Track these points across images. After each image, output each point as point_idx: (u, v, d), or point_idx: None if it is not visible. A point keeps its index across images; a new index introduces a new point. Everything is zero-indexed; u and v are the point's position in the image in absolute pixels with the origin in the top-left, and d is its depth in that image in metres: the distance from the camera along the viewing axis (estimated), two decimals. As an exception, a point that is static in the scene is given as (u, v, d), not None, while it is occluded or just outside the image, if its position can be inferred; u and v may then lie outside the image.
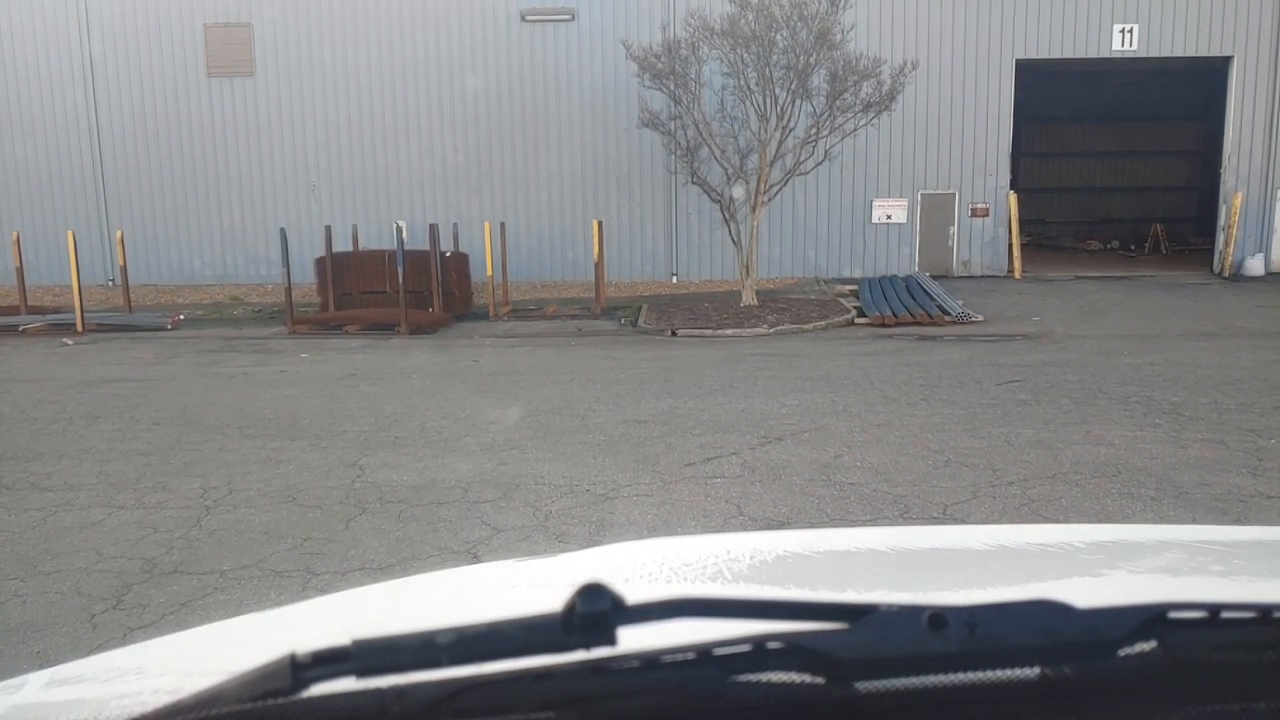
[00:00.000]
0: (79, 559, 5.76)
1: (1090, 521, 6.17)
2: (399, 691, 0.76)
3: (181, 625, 4.31)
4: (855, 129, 17.66)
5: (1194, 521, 6.12)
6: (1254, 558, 1.38)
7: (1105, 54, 21.29)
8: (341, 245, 18.91)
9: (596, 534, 6.08)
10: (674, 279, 21.96)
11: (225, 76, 21.93)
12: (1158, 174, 31.78)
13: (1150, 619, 0.80)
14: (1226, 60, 21.31)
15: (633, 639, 0.76)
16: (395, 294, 16.26)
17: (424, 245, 17.67)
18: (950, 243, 21.92)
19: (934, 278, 20.32)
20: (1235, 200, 21.25)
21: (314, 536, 6.10)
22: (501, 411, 9.68)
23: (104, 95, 22.06)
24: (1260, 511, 6.32)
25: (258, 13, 21.64)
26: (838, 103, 17.16)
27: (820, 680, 0.78)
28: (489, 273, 17.87)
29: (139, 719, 0.80)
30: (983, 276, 21.65)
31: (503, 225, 19.51)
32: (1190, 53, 21.29)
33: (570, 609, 0.75)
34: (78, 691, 1.12)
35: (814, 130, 17.34)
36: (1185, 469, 7.23)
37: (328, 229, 17.90)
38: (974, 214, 21.91)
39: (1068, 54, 21.36)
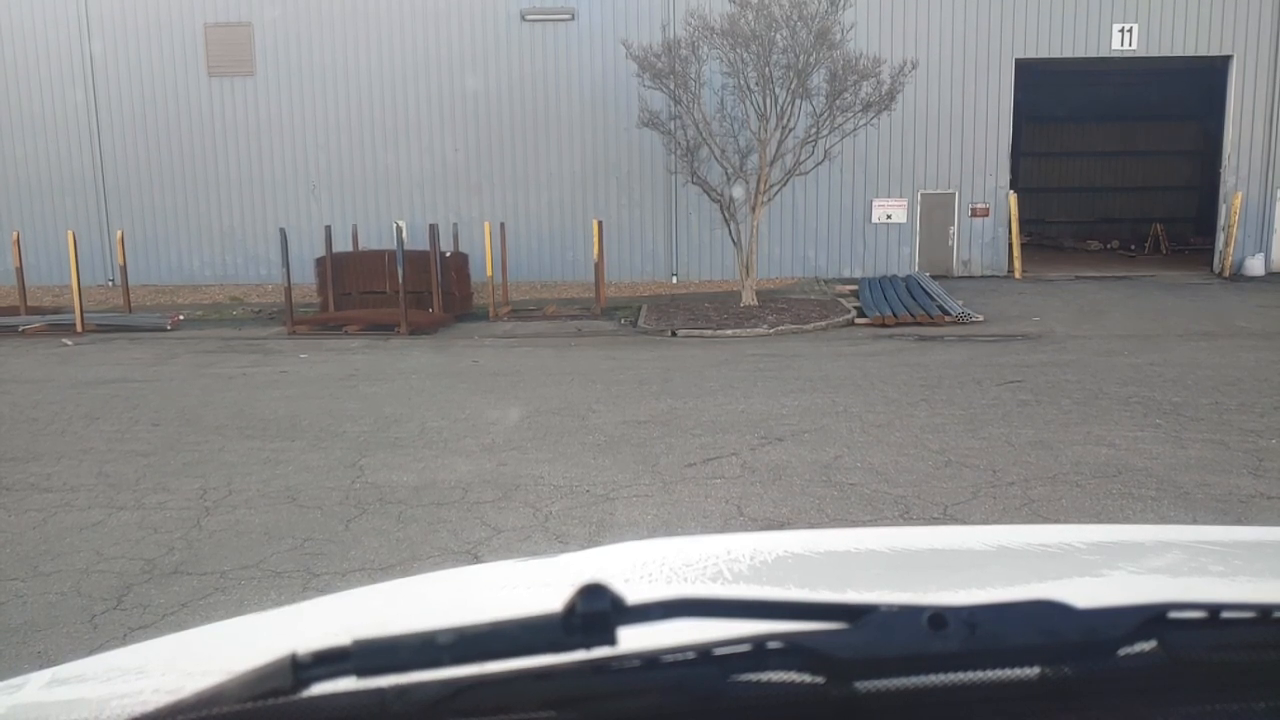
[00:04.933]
0: (79, 560, 5.76)
1: (1090, 522, 6.17)
2: (400, 691, 0.77)
3: (182, 626, 4.31)
4: (855, 129, 17.67)
5: (1194, 522, 6.12)
6: (1254, 558, 1.38)
7: (1105, 54, 21.30)
8: (341, 245, 18.91)
9: (596, 534, 6.08)
10: (674, 279, 21.97)
11: (225, 76, 21.94)
12: (1158, 174, 31.80)
13: (1150, 619, 0.80)
14: (1226, 60, 21.31)
15: (633, 639, 0.76)
16: (395, 294, 16.26)
17: (424, 245, 17.67)
18: (950, 243, 21.92)
19: (934, 278, 20.32)
20: (1235, 200, 21.25)
21: (314, 537, 6.10)
22: (501, 412, 9.68)
23: (104, 95, 22.06)
24: (1261, 512, 6.32)
25: (258, 13, 21.64)
26: (837, 102, 17.16)
27: (820, 680, 0.78)
28: (489, 273, 17.86)
29: (140, 718, 0.80)
30: (983, 276, 21.65)
31: (502, 225, 19.51)
32: (1190, 52, 21.29)
33: (570, 609, 0.75)
34: (78, 691, 1.12)
35: (814, 130, 17.34)
36: (1186, 469, 7.23)
37: (327, 229, 17.90)
38: (974, 214, 21.91)
39: (1068, 54, 21.37)
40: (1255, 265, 21.34)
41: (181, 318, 17.79)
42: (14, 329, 16.48)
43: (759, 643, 0.77)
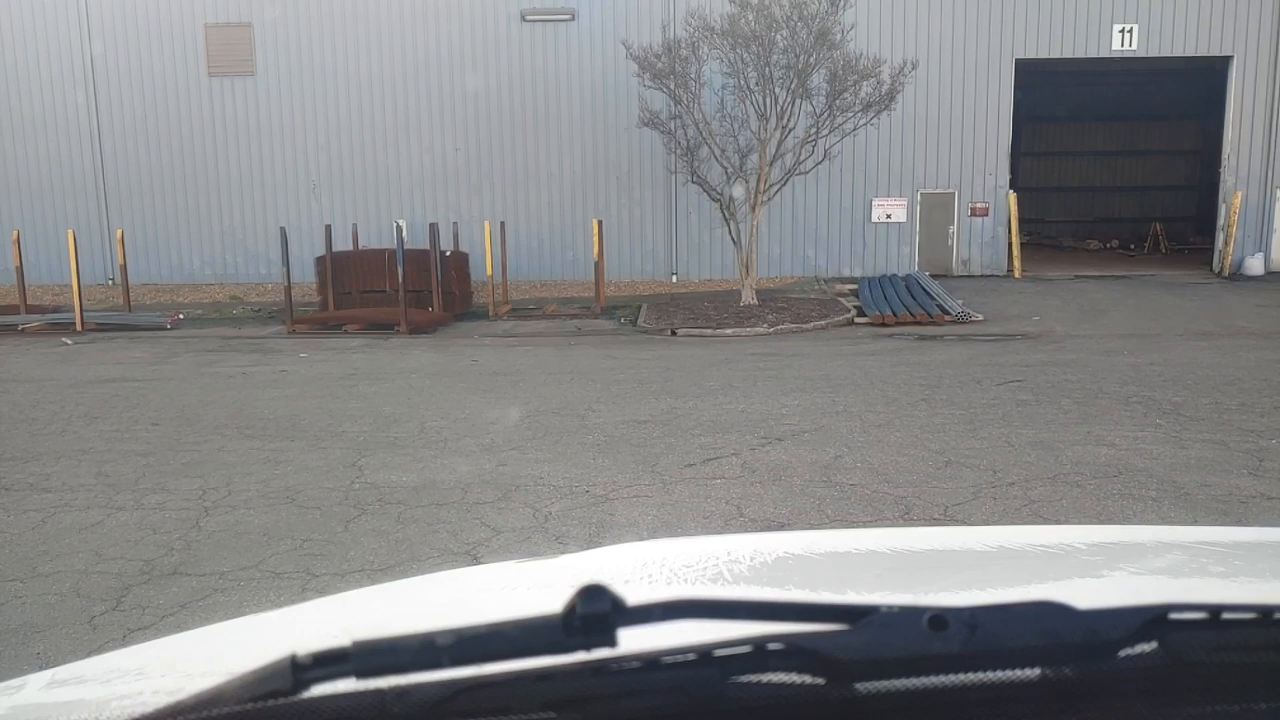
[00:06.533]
0: (78, 560, 5.76)
1: (1091, 522, 6.17)
2: (399, 692, 0.76)
3: (181, 627, 4.31)
4: (855, 129, 17.68)
5: (1195, 522, 6.12)
6: (1255, 559, 1.38)
7: (1105, 54, 21.30)
8: (341, 244, 18.91)
9: (596, 535, 6.08)
10: (674, 278, 21.97)
11: (226, 76, 21.94)
12: (1157, 173, 31.81)
13: (1151, 620, 0.80)
14: (1226, 60, 21.32)
15: (633, 640, 0.76)
16: (395, 293, 16.26)
17: (424, 244, 17.68)
18: (950, 242, 21.93)
19: (934, 277, 20.32)
20: (1235, 200, 21.25)
21: (313, 538, 6.09)
22: (501, 412, 9.68)
23: (104, 95, 22.07)
24: (1261, 512, 6.32)
25: (258, 13, 21.64)
26: (837, 102, 17.17)
27: (821, 681, 0.78)
28: (489, 272, 17.87)
29: (139, 719, 0.80)
30: (982, 276, 21.66)
31: (502, 224, 19.52)
32: (1190, 53, 21.30)
33: (571, 610, 0.75)
34: (78, 692, 1.12)
35: (814, 130, 17.35)
36: (1186, 470, 7.23)
37: (328, 228, 17.91)
38: (974, 213, 21.92)
39: (1068, 54, 21.38)
40: (1255, 265, 21.34)
41: (181, 317, 17.80)
42: (14, 328, 16.48)
43: (759, 644, 0.77)
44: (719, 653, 0.77)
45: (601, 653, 0.75)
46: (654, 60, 17.93)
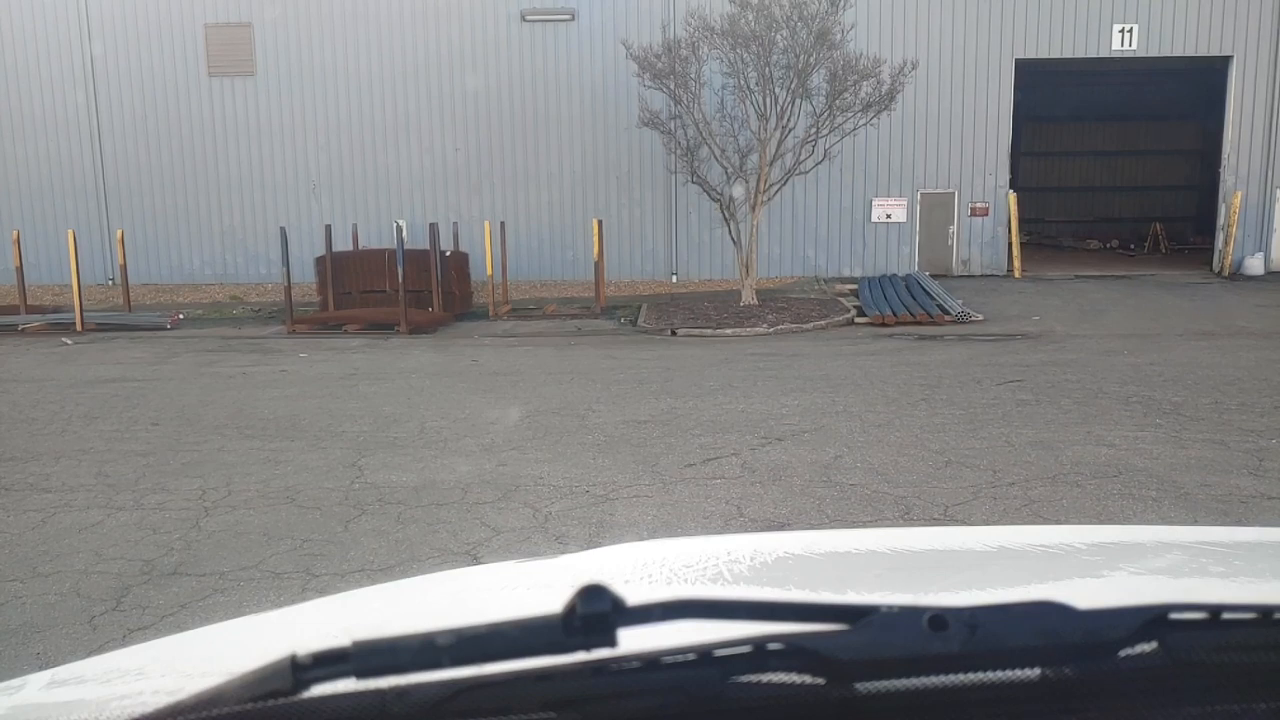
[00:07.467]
0: (78, 560, 5.76)
1: (1091, 522, 6.17)
2: (399, 692, 0.76)
3: (181, 627, 4.31)
4: (855, 129, 17.68)
5: (1195, 522, 6.12)
6: (1255, 559, 1.38)
7: (1105, 54, 21.31)
8: (341, 244, 18.91)
9: (596, 535, 6.08)
10: (674, 278, 21.97)
11: (226, 76, 21.94)
12: (1157, 173, 31.82)
13: (1151, 620, 0.80)
14: (1226, 60, 21.32)
15: (633, 640, 0.76)
16: (395, 293, 16.26)
17: (424, 244, 17.68)
18: (950, 242, 21.93)
19: (934, 277, 20.32)
20: (1235, 199, 21.25)
21: (313, 538, 6.09)
22: (501, 412, 9.68)
23: (104, 95, 22.07)
24: (1261, 512, 6.32)
25: (258, 13, 21.64)
26: (837, 102, 17.17)
27: (821, 681, 0.78)
28: (489, 272, 17.87)
29: (139, 719, 0.80)
30: (982, 275, 21.66)
31: (502, 224, 19.52)
32: (1190, 53, 21.30)
33: (571, 610, 0.75)
34: (78, 692, 1.12)
35: (814, 130, 17.35)
36: (1186, 469, 7.23)
37: (328, 228, 17.90)
38: (974, 213, 21.92)
39: (1067, 54, 21.38)
40: (1254, 264, 21.35)
41: (181, 317, 17.80)
42: (14, 328, 16.48)
43: (759, 644, 0.77)
44: (719, 653, 0.77)
45: (601, 653, 0.75)
46: (654, 60, 17.94)
